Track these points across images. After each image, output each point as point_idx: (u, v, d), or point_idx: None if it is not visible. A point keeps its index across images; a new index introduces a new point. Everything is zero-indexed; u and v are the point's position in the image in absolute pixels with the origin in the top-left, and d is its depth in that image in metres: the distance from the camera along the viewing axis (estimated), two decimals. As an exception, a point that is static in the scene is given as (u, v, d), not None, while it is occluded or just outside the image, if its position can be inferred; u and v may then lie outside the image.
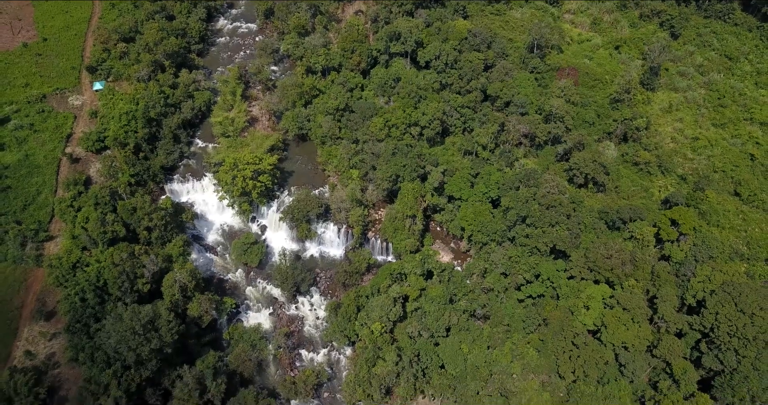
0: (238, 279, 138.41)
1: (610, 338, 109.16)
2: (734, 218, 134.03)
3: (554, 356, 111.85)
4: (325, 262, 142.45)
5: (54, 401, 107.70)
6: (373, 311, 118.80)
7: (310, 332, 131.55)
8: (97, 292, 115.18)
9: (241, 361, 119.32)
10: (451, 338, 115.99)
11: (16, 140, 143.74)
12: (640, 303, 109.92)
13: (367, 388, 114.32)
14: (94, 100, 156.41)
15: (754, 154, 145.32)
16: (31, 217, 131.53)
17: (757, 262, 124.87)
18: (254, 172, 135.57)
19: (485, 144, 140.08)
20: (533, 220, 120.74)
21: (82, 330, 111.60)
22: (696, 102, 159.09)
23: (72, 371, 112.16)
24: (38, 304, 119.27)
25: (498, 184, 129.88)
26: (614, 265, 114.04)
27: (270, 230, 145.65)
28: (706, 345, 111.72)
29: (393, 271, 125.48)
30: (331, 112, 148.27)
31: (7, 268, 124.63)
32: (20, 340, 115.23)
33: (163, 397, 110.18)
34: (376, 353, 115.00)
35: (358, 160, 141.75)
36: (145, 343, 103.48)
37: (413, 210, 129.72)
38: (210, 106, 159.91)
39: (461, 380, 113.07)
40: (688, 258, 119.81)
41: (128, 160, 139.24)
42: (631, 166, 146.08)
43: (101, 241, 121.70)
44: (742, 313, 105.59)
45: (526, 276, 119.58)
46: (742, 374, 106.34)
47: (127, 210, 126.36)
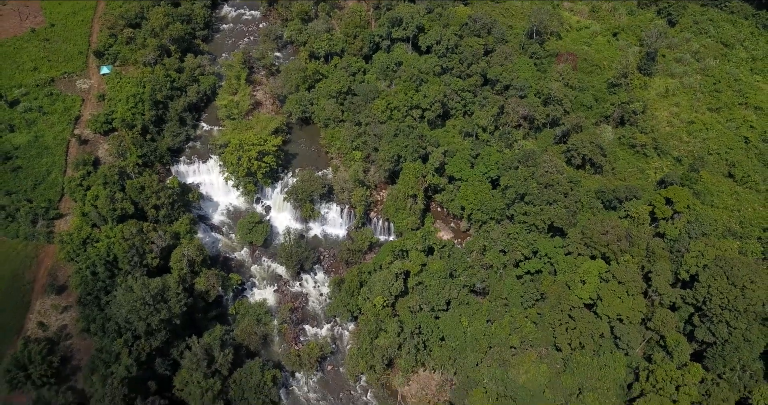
0: (243, 257, 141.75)
1: (605, 310, 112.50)
2: (728, 198, 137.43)
3: (551, 329, 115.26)
4: (328, 242, 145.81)
5: (66, 370, 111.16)
6: (375, 286, 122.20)
7: (314, 308, 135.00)
8: (107, 267, 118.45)
9: (246, 334, 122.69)
10: (451, 312, 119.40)
11: (25, 122, 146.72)
12: (635, 276, 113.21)
13: (369, 360, 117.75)
14: (101, 84, 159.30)
15: (749, 137, 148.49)
16: (41, 195, 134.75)
17: (750, 241, 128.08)
18: (259, 153, 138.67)
19: (485, 126, 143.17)
20: (531, 198, 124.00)
21: (94, 302, 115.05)
22: (692, 87, 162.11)
23: (84, 342, 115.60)
24: (50, 279, 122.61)
25: (497, 164, 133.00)
26: (610, 241, 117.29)
27: (274, 211, 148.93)
28: (699, 318, 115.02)
29: (395, 248, 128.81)
30: (333, 96, 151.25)
31: (18, 244, 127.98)
32: (33, 312, 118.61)
33: (171, 367, 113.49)
34: (379, 326, 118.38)
35: (361, 142, 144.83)
36: (155, 314, 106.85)
37: (414, 189, 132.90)
38: (215, 90, 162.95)
39: (461, 352, 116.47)
40: (682, 235, 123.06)
41: (136, 141, 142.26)
42: (627, 149, 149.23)
43: (110, 218, 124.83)
44: (733, 286, 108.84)
45: (525, 252, 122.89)
46: (733, 345, 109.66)
47: (135, 188, 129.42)
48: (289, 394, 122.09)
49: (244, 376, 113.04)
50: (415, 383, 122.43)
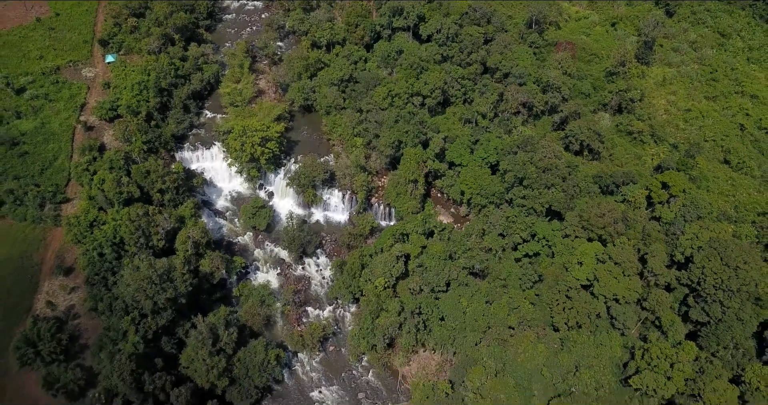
0: (246, 242, 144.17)
1: (601, 290, 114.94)
2: (723, 184, 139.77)
3: (549, 308, 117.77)
4: (330, 227, 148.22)
5: (75, 348, 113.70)
6: (376, 268, 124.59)
7: (316, 291, 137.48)
8: (114, 248, 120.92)
9: (250, 315, 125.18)
10: (450, 293, 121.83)
11: (32, 109, 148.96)
12: (631, 257, 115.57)
13: (371, 340, 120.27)
14: (106, 72, 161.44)
15: (744, 125, 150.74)
16: (48, 180, 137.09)
17: (744, 225, 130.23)
18: (262, 139, 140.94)
19: (485, 113, 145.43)
20: (530, 182, 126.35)
21: (101, 282, 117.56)
22: (689, 76, 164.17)
23: (91, 322, 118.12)
24: (57, 261, 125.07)
25: (497, 149, 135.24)
26: (606, 224, 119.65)
27: (277, 197, 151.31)
28: (693, 299, 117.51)
29: (395, 231, 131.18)
30: (335, 83, 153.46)
31: (26, 227, 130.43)
32: (41, 293, 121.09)
33: (177, 345, 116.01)
34: (380, 306, 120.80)
35: (362, 128, 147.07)
36: (161, 292, 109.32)
37: (415, 174, 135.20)
38: (218, 78, 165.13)
39: (460, 332, 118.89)
40: (678, 218, 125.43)
41: (140, 127, 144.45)
42: (624, 136, 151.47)
43: (117, 201, 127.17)
44: (727, 267, 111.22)
45: (523, 235, 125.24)
46: (727, 324, 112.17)
47: (141, 173, 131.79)
48: (292, 373, 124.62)
49: (248, 355, 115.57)
50: (415, 363, 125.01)
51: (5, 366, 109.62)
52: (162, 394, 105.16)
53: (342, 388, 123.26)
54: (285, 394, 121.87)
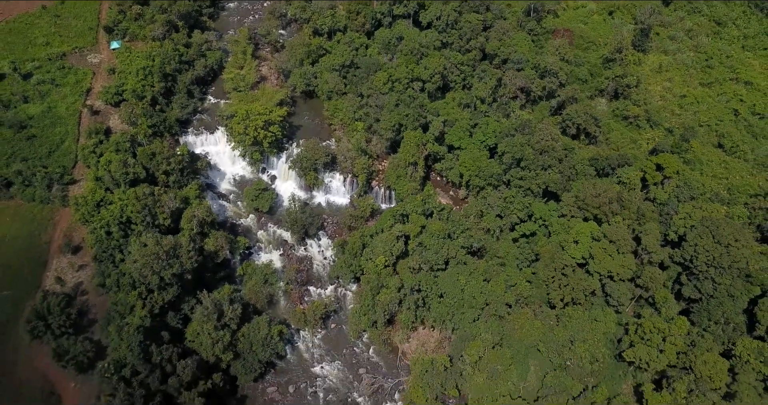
0: (250, 224, 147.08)
1: (596, 267, 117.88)
2: (717, 167, 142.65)
3: (545, 286, 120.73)
4: (331, 210, 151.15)
5: (83, 322, 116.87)
6: (377, 247, 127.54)
7: (318, 271, 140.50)
8: (121, 227, 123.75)
9: (254, 293, 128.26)
10: (449, 270, 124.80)
11: (39, 94, 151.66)
12: (625, 235, 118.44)
13: (371, 316, 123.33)
14: (111, 59, 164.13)
15: (738, 110, 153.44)
16: (55, 162, 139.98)
17: (737, 206, 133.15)
18: (265, 123, 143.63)
19: (483, 98, 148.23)
20: (527, 163, 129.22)
21: (109, 259, 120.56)
22: (685, 63, 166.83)
23: (99, 298, 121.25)
24: (65, 240, 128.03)
25: (495, 132, 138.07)
26: (602, 203, 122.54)
27: (279, 180, 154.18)
28: (686, 277, 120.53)
29: (396, 212, 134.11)
30: (336, 69, 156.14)
31: (35, 207, 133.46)
32: (49, 270, 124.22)
33: (183, 321, 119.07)
34: (380, 283, 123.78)
35: (363, 113, 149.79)
36: (168, 268, 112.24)
37: (415, 157, 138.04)
38: (222, 65, 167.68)
39: (458, 308, 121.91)
40: (671, 199, 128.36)
41: (145, 111, 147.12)
42: (621, 121, 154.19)
43: (123, 181, 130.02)
44: (718, 244, 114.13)
45: (520, 215, 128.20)
46: (718, 300, 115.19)
47: (146, 155, 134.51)
48: (294, 349, 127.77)
49: (252, 330, 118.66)
50: (415, 340, 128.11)
51: (16, 339, 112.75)
52: (169, 365, 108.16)
53: (343, 363, 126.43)
54: (288, 370, 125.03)
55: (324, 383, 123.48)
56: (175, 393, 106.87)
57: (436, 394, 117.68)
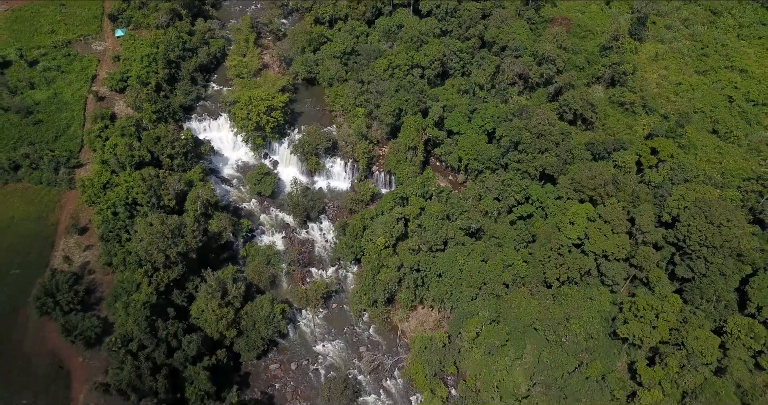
0: (252, 208, 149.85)
1: (592, 247, 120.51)
2: (711, 152, 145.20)
3: (541, 265, 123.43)
4: (332, 194, 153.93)
5: (90, 300, 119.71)
6: (377, 228, 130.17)
7: (320, 253, 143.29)
8: (127, 208, 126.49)
9: (257, 273, 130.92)
10: (448, 251, 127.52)
11: (45, 80, 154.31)
12: (620, 216, 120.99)
13: (372, 295, 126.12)
14: (116, 46, 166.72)
15: (732, 96, 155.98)
16: (62, 146, 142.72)
17: (730, 189, 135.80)
18: (267, 108, 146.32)
19: (482, 84, 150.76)
20: (524, 147, 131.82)
21: (115, 238, 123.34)
22: (680, 52, 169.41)
23: (106, 277, 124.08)
24: (72, 221, 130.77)
25: (493, 117, 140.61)
26: (597, 185, 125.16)
27: (282, 165, 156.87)
28: (680, 257, 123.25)
29: (396, 195, 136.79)
30: (338, 56, 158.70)
31: (42, 190, 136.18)
32: (57, 250, 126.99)
33: (187, 300, 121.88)
34: (381, 263, 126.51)
35: (364, 99, 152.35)
36: (173, 246, 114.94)
37: (415, 141, 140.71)
38: (224, 53, 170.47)
39: (457, 288, 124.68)
40: (665, 181, 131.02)
41: (150, 97, 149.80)
42: (617, 107, 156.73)
43: (129, 164, 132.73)
44: (711, 224, 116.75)
45: (517, 197, 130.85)
46: (710, 279, 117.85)
47: (151, 139, 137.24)
48: (296, 328, 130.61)
49: (255, 309, 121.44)
50: (414, 319, 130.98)
51: (26, 316, 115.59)
52: (174, 340, 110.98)
53: (344, 342, 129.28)
54: (290, 348, 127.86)
55: (325, 361, 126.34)
56: (180, 367, 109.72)
57: (434, 371, 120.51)
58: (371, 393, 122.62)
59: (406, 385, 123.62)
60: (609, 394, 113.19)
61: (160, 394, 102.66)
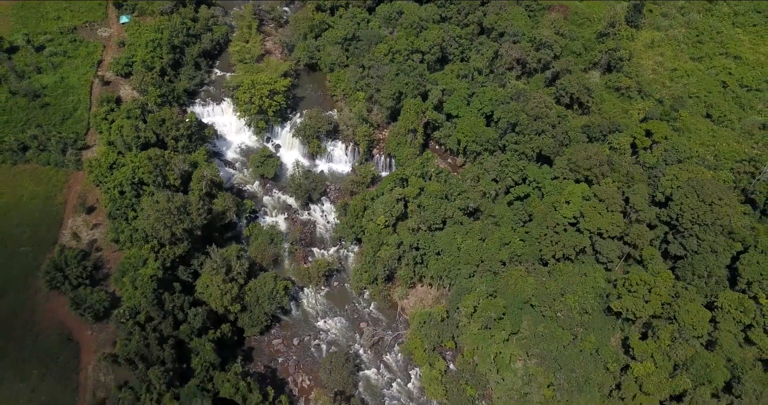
0: (255, 190, 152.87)
1: (587, 225, 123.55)
2: (705, 135, 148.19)
3: (537, 243, 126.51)
4: (334, 177, 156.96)
5: (98, 275, 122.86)
6: (378, 208, 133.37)
7: (321, 234, 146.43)
8: (133, 187, 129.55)
9: (260, 251, 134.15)
10: (446, 230, 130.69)
11: (51, 65, 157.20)
12: (614, 194, 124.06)
13: (372, 272, 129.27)
14: (121, 32, 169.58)
15: (727, 82, 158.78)
16: (69, 129, 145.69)
17: (722, 171, 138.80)
18: (270, 92, 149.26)
19: (481, 69, 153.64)
20: (522, 128, 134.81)
21: (122, 216, 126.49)
22: (676, 39, 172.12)
23: (113, 254, 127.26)
24: (80, 200, 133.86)
25: (492, 100, 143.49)
26: (593, 165, 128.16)
27: (284, 148, 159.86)
28: (672, 235, 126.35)
29: (396, 176, 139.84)
30: (339, 42, 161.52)
31: (50, 171, 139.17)
32: (65, 228, 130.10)
33: (192, 276, 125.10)
34: (381, 241, 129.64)
35: (364, 83, 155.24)
36: (179, 223, 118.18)
37: (414, 124, 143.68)
38: (227, 39, 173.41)
39: (455, 265, 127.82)
40: (659, 162, 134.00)
41: (155, 81, 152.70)
42: (613, 92, 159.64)
43: (135, 145, 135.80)
44: (703, 203, 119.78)
45: (515, 178, 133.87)
46: (701, 256, 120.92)
47: (156, 121, 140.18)
48: (298, 305, 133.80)
49: (258, 285, 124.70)
50: (413, 297, 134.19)
51: (35, 290, 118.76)
52: (180, 313, 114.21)
53: (345, 318, 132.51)
54: (292, 324, 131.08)
55: (327, 336, 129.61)
56: (186, 339, 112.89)
57: (433, 345, 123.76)
58: (372, 367, 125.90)
59: (405, 359, 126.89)
60: (603, 366, 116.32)
61: (167, 363, 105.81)
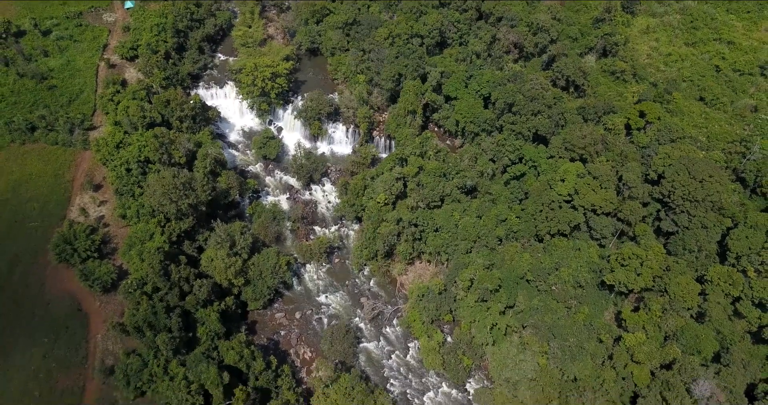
0: (258, 171, 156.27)
1: (581, 201, 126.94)
2: (697, 118, 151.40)
3: (533, 219, 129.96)
4: (335, 159, 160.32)
5: (106, 249, 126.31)
6: (378, 186, 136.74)
7: (323, 213, 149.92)
8: (139, 164, 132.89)
9: (263, 228, 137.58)
10: (444, 207, 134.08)
11: (58, 48, 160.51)
12: (608, 172, 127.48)
13: (372, 247, 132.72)
14: (126, 17, 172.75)
15: (720, 66, 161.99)
16: (76, 110, 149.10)
17: (714, 152, 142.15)
18: (272, 74, 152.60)
19: (479, 52, 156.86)
20: (518, 109, 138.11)
21: (129, 193, 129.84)
22: (671, 25, 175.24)
23: (120, 230, 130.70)
24: (87, 178, 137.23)
25: (489, 82, 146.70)
26: (587, 144, 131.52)
27: (286, 131, 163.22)
28: (665, 212, 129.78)
29: (395, 156, 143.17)
30: (340, 27, 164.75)
31: (58, 150, 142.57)
32: (73, 205, 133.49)
33: (198, 251, 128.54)
34: (381, 218, 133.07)
35: (365, 67, 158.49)
36: (184, 198, 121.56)
37: (414, 105, 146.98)
38: (230, 24, 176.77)
39: (453, 241, 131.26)
40: (652, 142, 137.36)
41: (159, 64, 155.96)
42: (608, 76, 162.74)
43: (141, 125, 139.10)
44: (694, 179, 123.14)
45: (511, 157, 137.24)
46: (692, 231, 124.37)
47: (161, 102, 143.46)
48: (300, 281, 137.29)
49: (261, 260, 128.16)
50: (411, 273, 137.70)
51: (45, 263, 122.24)
52: (186, 284, 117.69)
53: (346, 293, 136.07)
54: (294, 299, 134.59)
55: (328, 310, 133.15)
56: (192, 309, 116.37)
57: (431, 318, 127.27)
58: (372, 340, 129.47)
59: (404, 332, 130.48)
60: (596, 338, 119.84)
61: (173, 331, 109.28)
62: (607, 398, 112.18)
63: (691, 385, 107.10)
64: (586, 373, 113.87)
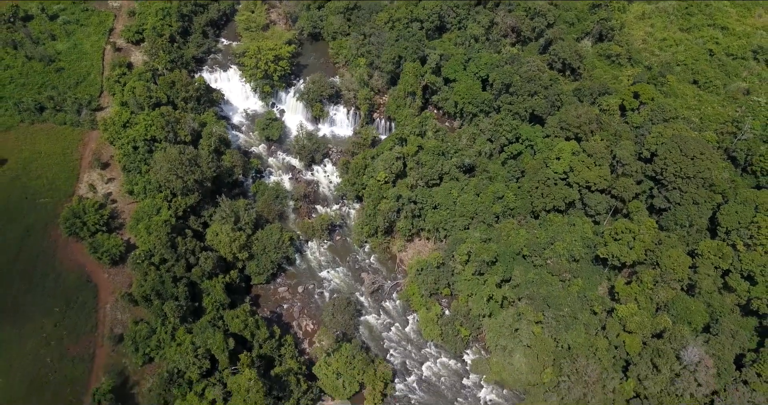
0: (261, 152, 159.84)
1: (576, 178, 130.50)
2: (690, 100, 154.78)
3: (529, 196, 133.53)
4: (336, 141, 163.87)
5: (114, 224, 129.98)
6: (378, 165, 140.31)
7: (324, 193, 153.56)
8: (146, 143, 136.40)
9: (266, 206, 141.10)
10: (443, 185, 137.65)
11: (65, 32, 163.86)
12: (602, 149, 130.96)
13: (372, 224, 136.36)
14: (131, 3, 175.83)
15: (713, 50, 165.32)
16: (83, 91, 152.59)
17: (707, 132, 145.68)
18: (275, 57, 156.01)
19: (477, 36, 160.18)
20: (515, 89, 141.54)
21: (136, 169, 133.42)
22: (666, 11, 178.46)
23: (127, 206, 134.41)
24: (95, 156, 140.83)
25: (487, 65, 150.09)
26: (582, 123, 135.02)
27: (288, 113, 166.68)
28: (657, 190, 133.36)
29: (395, 136, 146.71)
30: (341, 11, 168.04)
31: (66, 129, 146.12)
32: (82, 182, 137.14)
33: (203, 226, 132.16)
34: (381, 195, 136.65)
35: (365, 50, 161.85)
36: (190, 174, 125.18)
37: (413, 87, 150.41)
38: (234, 10, 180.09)
39: (451, 217, 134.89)
40: (646, 121, 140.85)
41: (165, 47, 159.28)
42: (604, 59, 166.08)
43: (147, 105, 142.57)
44: (685, 157, 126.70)
45: (508, 137, 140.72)
46: (684, 207, 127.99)
47: (167, 83, 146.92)
48: (303, 257, 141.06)
49: (265, 235, 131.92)
50: (411, 250, 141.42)
51: (56, 237, 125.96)
52: (192, 257, 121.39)
53: (347, 269, 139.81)
54: (297, 274, 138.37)
55: (330, 285, 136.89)
56: (198, 281, 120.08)
57: (430, 292, 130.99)
58: (372, 312, 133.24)
59: (404, 306, 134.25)
60: (589, 309, 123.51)
61: (180, 300, 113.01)
62: (600, 365, 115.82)
63: (681, 352, 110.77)
64: (580, 341, 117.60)
